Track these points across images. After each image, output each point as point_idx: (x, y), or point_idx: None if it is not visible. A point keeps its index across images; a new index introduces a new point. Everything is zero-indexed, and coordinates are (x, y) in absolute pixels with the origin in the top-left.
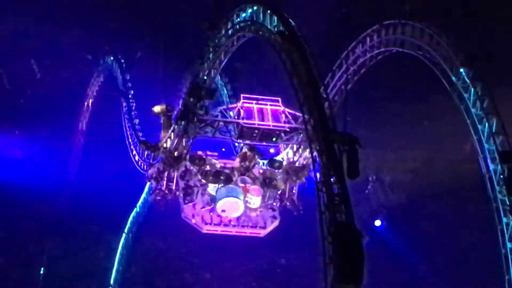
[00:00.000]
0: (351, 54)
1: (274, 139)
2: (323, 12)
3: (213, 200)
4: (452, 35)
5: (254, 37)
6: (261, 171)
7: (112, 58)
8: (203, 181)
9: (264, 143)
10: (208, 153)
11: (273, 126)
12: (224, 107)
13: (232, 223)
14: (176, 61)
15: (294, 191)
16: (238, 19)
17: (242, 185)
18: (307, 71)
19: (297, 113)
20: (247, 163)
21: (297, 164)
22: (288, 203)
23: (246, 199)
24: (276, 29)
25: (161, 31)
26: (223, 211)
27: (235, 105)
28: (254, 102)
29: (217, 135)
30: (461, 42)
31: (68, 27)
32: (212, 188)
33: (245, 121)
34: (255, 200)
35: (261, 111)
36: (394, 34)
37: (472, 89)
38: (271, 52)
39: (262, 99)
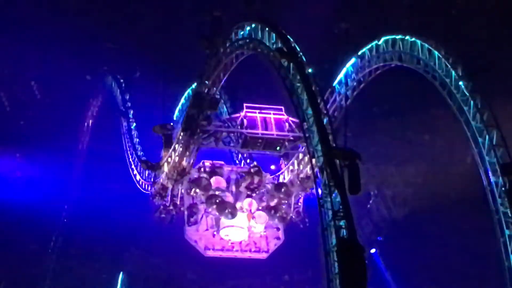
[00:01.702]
0: (350, 69)
1: (278, 148)
2: (322, 28)
3: (218, 223)
4: (451, 49)
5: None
6: (268, 186)
7: (111, 78)
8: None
9: (268, 152)
10: (216, 163)
11: (277, 135)
12: (227, 117)
13: (235, 248)
14: (176, 79)
15: (300, 203)
16: (237, 37)
17: (247, 210)
18: (307, 87)
19: None
20: (254, 184)
21: (302, 174)
22: (293, 216)
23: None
24: (274, 46)
25: (160, 50)
26: (227, 235)
27: (238, 114)
28: (257, 111)
29: (221, 145)
30: (460, 55)
31: (67, 49)
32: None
33: (248, 130)
34: (259, 227)
35: (264, 120)
36: (393, 48)
37: (472, 102)
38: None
39: (265, 108)
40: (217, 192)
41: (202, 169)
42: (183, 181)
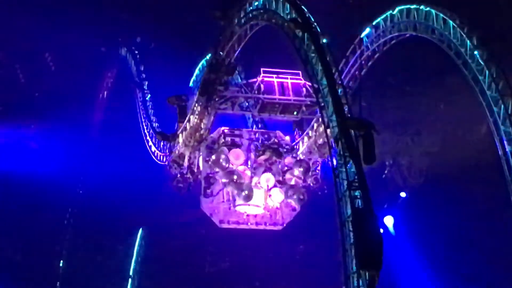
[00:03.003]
0: (365, 39)
1: (295, 112)
2: None
3: (234, 196)
4: (466, 18)
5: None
6: (287, 160)
7: (126, 49)
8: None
9: (286, 117)
10: (236, 132)
11: (294, 100)
12: (244, 81)
13: (250, 221)
14: (190, 50)
15: (317, 170)
16: (251, 8)
17: (264, 186)
18: (321, 58)
19: None
20: (272, 159)
21: (320, 141)
22: (311, 184)
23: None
24: (289, 17)
25: (175, 21)
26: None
27: (255, 79)
28: (275, 76)
29: (237, 110)
30: (475, 24)
31: (82, 20)
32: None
33: (265, 96)
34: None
35: (281, 85)
36: (408, 18)
37: (487, 71)
38: None
39: (283, 73)
40: (234, 167)
41: (221, 137)
42: (200, 148)
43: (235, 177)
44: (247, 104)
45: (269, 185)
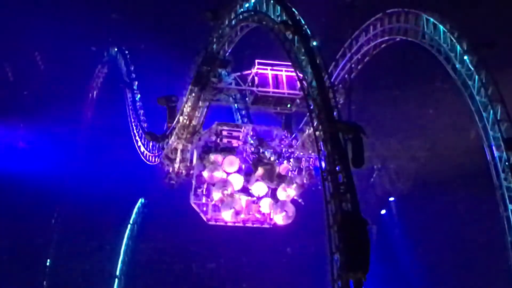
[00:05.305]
0: (355, 43)
1: (288, 105)
2: (327, 1)
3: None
4: (456, 23)
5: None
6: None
7: (116, 49)
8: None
9: (279, 110)
10: (234, 133)
11: (288, 94)
12: (238, 74)
13: (238, 220)
14: (181, 51)
15: (311, 166)
16: (242, 9)
17: (256, 194)
18: (311, 61)
19: None
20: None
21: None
22: (305, 180)
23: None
24: (279, 19)
25: (165, 22)
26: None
27: (249, 71)
28: (269, 68)
29: (231, 102)
30: (465, 29)
31: (72, 19)
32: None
33: (259, 89)
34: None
35: (276, 78)
36: (398, 22)
37: (476, 77)
38: None
39: (277, 65)
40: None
41: (218, 137)
42: (194, 140)
43: (227, 191)
44: (240, 96)
45: (260, 194)
